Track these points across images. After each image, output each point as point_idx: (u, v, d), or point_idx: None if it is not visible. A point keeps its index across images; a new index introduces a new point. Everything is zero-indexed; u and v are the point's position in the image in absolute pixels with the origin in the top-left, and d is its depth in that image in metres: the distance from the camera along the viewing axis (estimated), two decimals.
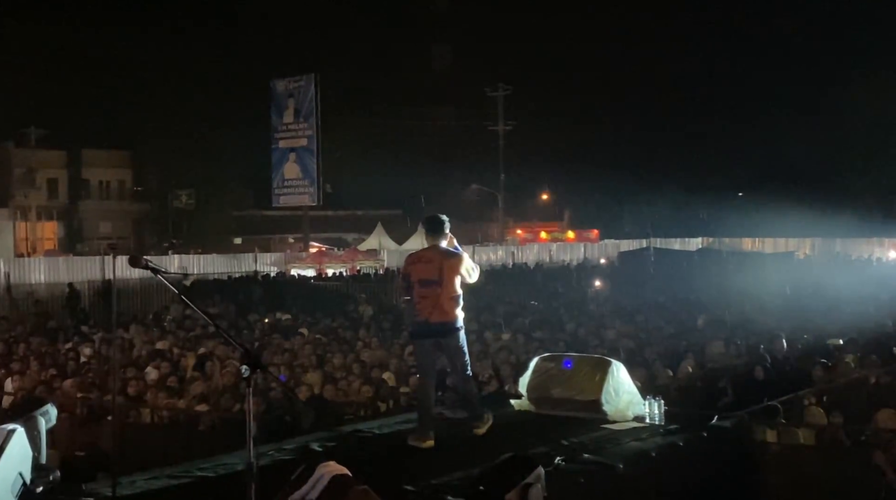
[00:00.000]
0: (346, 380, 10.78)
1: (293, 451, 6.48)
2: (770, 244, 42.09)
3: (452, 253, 6.81)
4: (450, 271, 6.68)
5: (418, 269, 6.77)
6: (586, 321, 15.76)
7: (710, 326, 15.21)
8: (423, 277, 6.71)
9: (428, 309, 6.67)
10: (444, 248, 6.84)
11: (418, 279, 6.73)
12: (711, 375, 10.48)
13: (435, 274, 6.67)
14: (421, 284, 6.70)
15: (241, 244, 43.43)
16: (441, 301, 6.65)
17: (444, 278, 6.65)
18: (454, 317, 6.72)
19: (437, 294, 6.65)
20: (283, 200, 38.19)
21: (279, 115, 36.96)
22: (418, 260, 6.85)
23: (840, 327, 14.43)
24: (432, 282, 6.66)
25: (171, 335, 14.60)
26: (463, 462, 5.80)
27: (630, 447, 6.61)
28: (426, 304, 6.68)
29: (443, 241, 6.85)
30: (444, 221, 6.87)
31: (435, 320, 6.68)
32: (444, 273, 6.66)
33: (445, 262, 6.70)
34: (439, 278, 6.66)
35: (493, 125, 45.30)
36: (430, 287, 6.66)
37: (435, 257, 6.75)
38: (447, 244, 6.87)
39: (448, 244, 6.88)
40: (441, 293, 6.65)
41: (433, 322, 6.69)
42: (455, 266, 6.71)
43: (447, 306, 6.67)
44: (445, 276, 6.66)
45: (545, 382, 7.75)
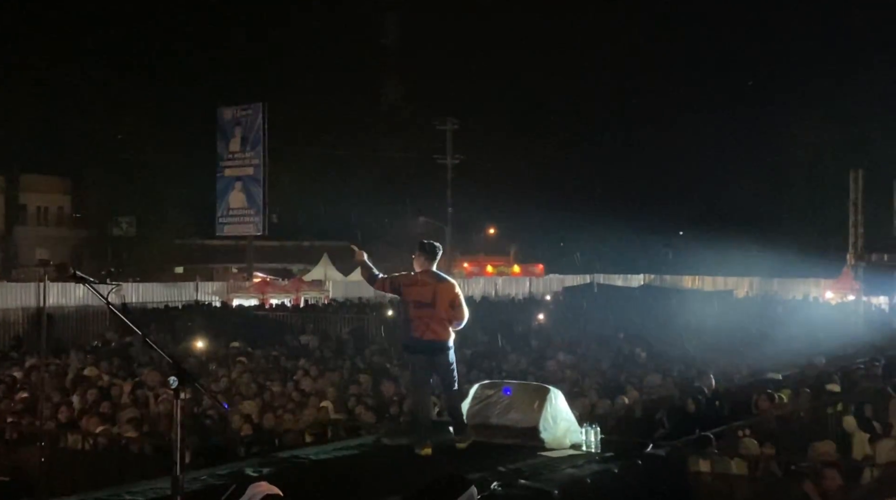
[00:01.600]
0: (285, 408, 10.65)
1: (226, 476, 6.37)
2: (710, 282, 42.84)
3: (445, 279, 7.45)
4: (442, 295, 7.26)
5: (414, 291, 7.31)
6: (529, 353, 15.83)
7: (651, 359, 15.41)
8: (417, 298, 7.27)
9: (421, 329, 7.24)
10: (437, 273, 7.45)
11: (413, 300, 7.28)
12: (649, 406, 10.59)
13: (429, 297, 7.25)
14: (416, 305, 7.27)
15: (183, 273, 42.78)
16: (433, 322, 7.23)
17: (436, 301, 7.24)
18: (445, 337, 7.29)
19: (430, 316, 7.22)
20: (227, 230, 37.79)
21: (225, 143, 36.68)
22: (414, 283, 7.37)
23: (776, 363, 14.74)
24: (426, 304, 7.24)
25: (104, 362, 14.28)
26: (397, 487, 5.76)
27: (566, 473, 6.63)
28: (419, 323, 7.24)
29: (436, 265, 7.48)
30: (437, 248, 7.54)
31: (427, 339, 7.24)
32: (437, 297, 7.25)
33: (439, 286, 7.31)
34: (432, 301, 7.24)
35: (442, 158, 45.54)
36: (423, 309, 7.24)
37: (430, 281, 7.33)
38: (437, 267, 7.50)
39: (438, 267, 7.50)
40: (434, 315, 7.22)
41: (426, 340, 7.25)
42: (447, 291, 7.30)
43: (439, 326, 7.24)
44: (438, 299, 7.24)
45: (484, 409, 7.75)
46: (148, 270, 39.52)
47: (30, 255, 44.17)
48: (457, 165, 45.77)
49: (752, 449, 8.66)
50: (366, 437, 8.61)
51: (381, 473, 6.65)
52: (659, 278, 44.16)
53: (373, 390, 12.00)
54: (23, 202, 48.56)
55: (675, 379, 12.44)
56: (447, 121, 45.18)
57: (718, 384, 12.14)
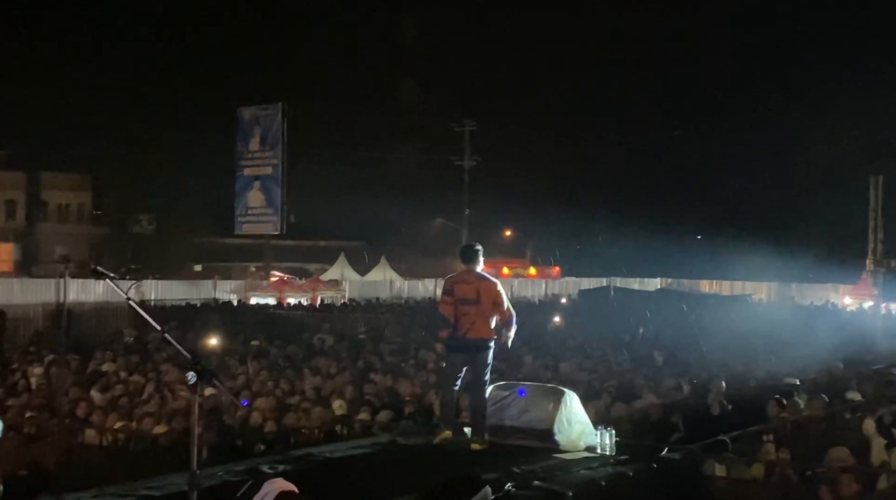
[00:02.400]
0: (300, 406, 10.70)
1: (242, 473, 6.41)
2: (727, 287, 42.64)
3: (487, 278, 7.68)
4: (486, 293, 7.48)
5: (460, 289, 7.58)
6: (544, 355, 15.81)
7: (667, 363, 15.36)
8: (462, 295, 7.53)
9: (466, 326, 7.48)
10: (481, 273, 7.69)
11: (459, 298, 7.53)
12: (665, 409, 10.56)
13: (473, 294, 7.49)
14: (462, 302, 7.51)
15: (202, 271, 43.00)
16: (479, 319, 7.46)
17: (480, 298, 7.47)
18: (488, 335, 7.53)
19: (476, 312, 7.45)
20: (246, 228, 37.95)
21: (245, 142, 36.83)
22: (460, 281, 7.67)
23: (793, 368, 14.65)
24: (471, 301, 7.48)
25: (123, 358, 14.39)
26: (413, 485, 5.78)
27: (580, 475, 6.63)
28: (465, 321, 7.49)
29: (477, 267, 7.68)
30: (477, 250, 7.74)
31: (471, 337, 7.48)
32: (480, 294, 7.48)
33: (482, 284, 7.55)
34: (476, 298, 7.48)
35: (459, 160, 45.55)
36: (469, 305, 7.48)
37: (473, 279, 7.60)
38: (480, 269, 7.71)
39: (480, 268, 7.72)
40: (479, 311, 7.45)
41: (469, 338, 7.49)
42: (490, 289, 7.52)
43: (482, 324, 7.49)
44: (482, 297, 7.47)
45: (499, 410, 7.77)
46: (167, 267, 39.73)
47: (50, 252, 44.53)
48: (474, 166, 45.77)
49: (768, 454, 8.63)
50: (380, 436, 8.64)
51: (396, 472, 6.68)
52: (676, 281, 43.98)
53: (388, 390, 12.03)
54: (44, 199, 48.97)
55: (690, 383, 12.39)
56: (464, 122, 45.20)
57: (731, 389, 12.09)
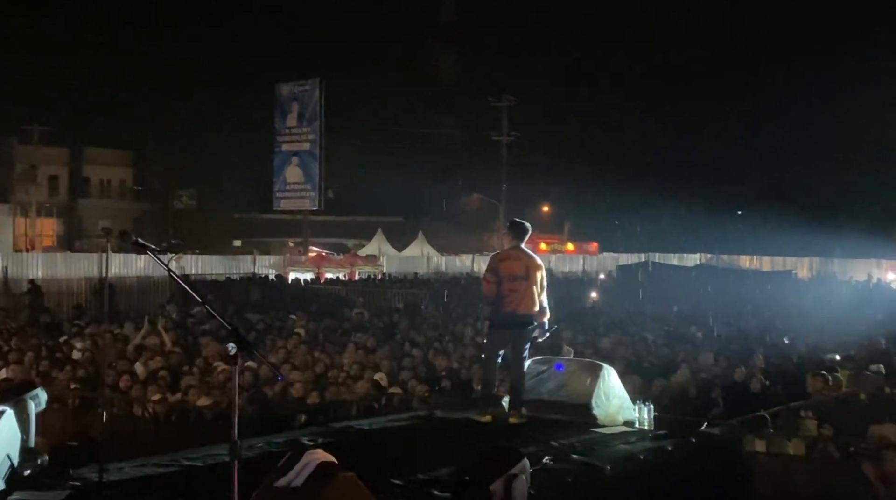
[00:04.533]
0: (339, 379, 10.78)
1: (282, 444, 6.49)
2: (767, 263, 42.11)
3: (534, 256, 7.68)
4: (534, 270, 7.49)
5: (507, 265, 7.54)
6: (583, 330, 15.75)
7: (706, 338, 15.24)
8: (512, 272, 7.48)
9: (516, 302, 7.43)
10: (528, 251, 7.68)
11: (507, 274, 7.48)
12: (704, 385, 10.49)
13: (522, 270, 7.47)
14: (510, 278, 7.46)
15: (241, 247, 43.41)
16: (527, 295, 7.44)
17: (530, 274, 7.46)
18: (534, 311, 7.49)
19: (525, 288, 7.42)
20: (284, 204, 38.21)
21: (283, 118, 37.00)
22: (507, 257, 7.65)
23: (835, 343, 14.47)
24: (520, 277, 7.46)
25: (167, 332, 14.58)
26: (451, 458, 5.80)
27: (619, 449, 6.63)
28: (514, 297, 7.44)
29: (525, 243, 7.66)
30: (528, 228, 7.71)
31: (521, 312, 7.44)
32: (530, 271, 7.48)
33: (530, 261, 7.55)
34: (526, 274, 7.46)
35: (497, 135, 45.33)
36: (517, 282, 7.45)
37: (522, 255, 7.57)
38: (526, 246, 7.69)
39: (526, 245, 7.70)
40: (528, 288, 7.43)
41: (519, 313, 7.45)
42: (536, 267, 7.54)
43: (531, 299, 7.47)
44: (531, 273, 7.47)
45: (537, 384, 7.78)
46: (207, 243, 40.18)
47: (93, 227, 45.22)
48: (512, 142, 45.55)
49: (810, 430, 8.54)
50: (418, 410, 8.69)
51: (434, 444, 6.72)
52: (716, 257, 43.52)
53: (425, 364, 12.07)
54: (86, 175, 49.64)
55: (730, 358, 12.28)
56: (502, 97, 44.92)
57: (772, 365, 11.97)
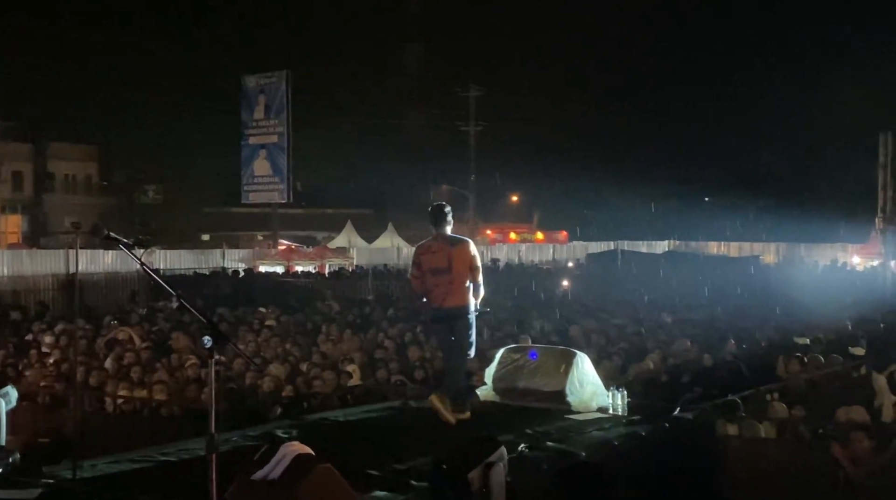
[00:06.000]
0: (311, 372, 10.75)
1: (257, 437, 6.46)
2: (735, 248, 42.54)
3: (458, 240, 7.16)
4: (458, 259, 7.02)
5: (428, 259, 7.13)
6: (554, 319, 15.83)
7: (676, 324, 15.37)
8: (433, 266, 7.08)
9: (441, 296, 7.06)
10: (450, 236, 7.16)
11: (429, 268, 7.09)
12: (675, 370, 10.59)
13: (444, 263, 7.04)
14: (432, 273, 7.07)
15: (209, 241, 43.06)
16: (452, 288, 7.01)
17: (452, 266, 7.02)
18: (466, 302, 7.05)
19: (447, 281, 7.01)
20: (252, 197, 37.93)
21: (249, 111, 36.70)
22: (427, 250, 7.20)
23: (803, 327, 14.67)
24: (442, 270, 7.03)
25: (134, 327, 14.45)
26: (427, 448, 5.81)
27: (593, 436, 6.67)
28: (439, 292, 7.06)
29: (447, 228, 7.15)
30: (444, 212, 7.15)
31: (448, 305, 7.05)
32: (452, 261, 7.02)
33: (453, 250, 7.05)
34: (448, 266, 7.02)
35: (465, 126, 45.31)
36: (440, 276, 7.04)
37: (443, 246, 7.10)
38: (448, 230, 7.16)
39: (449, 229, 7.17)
40: (452, 280, 7.01)
41: (446, 307, 7.07)
42: (461, 253, 7.04)
43: (457, 292, 7.03)
44: (455, 264, 7.02)
45: (511, 372, 7.80)
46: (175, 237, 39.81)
47: (58, 223, 44.62)
48: (480, 132, 45.55)
49: (780, 413, 8.65)
50: (393, 400, 8.68)
51: (410, 435, 6.72)
52: (684, 244, 43.90)
53: (398, 355, 12.07)
54: (51, 170, 48.95)
55: (700, 344, 12.41)
56: (470, 87, 44.89)
57: (742, 349, 12.12)
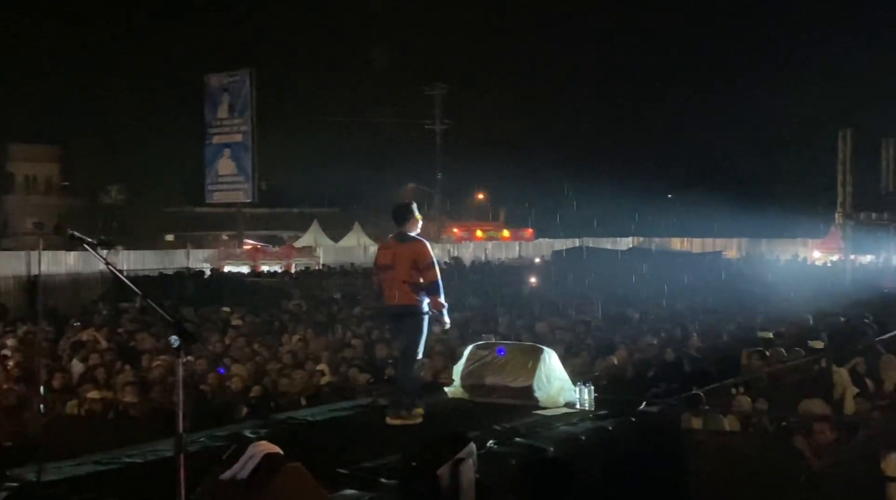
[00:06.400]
0: (278, 371, 10.71)
1: (225, 438, 6.42)
2: (698, 244, 43.04)
3: (408, 238, 7.10)
4: (401, 257, 6.99)
5: (380, 256, 7.26)
6: (520, 315, 15.91)
7: (642, 319, 15.52)
8: (381, 263, 7.16)
9: (387, 293, 7.08)
10: (404, 234, 7.12)
11: (380, 265, 7.18)
12: (641, 365, 10.69)
13: (389, 259, 7.06)
14: (381, 269, 7.14)
15: (173, 241, 42.68)
16: (394, 285, 6.99)
17: (395, 263, 7.00)
18: (410, 301, 6.97)
19: (392, 278, 7.01)
20: (216, 197, 37.68)
21: (213, 110, 36.46)
22: (381, 248, 7.39)
23: (765, 321, 14.88)
24: (387, 267, 7.06)
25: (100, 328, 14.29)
26: (396, 446, 5.82)
27: (561, 431, 6.71)
28: (384, 288, 7.10)
29: (406, 226, 7.12)
30: (403, 211, 7.15)
31: (393, 303, 7.05)
32: (396, 259, 7.00)
33: (399, 248, 7.05)
34: (392, 263, 7.02)
35: (431, 124, 45.33)
36: (386, 272, 7.07)
37: (393, 243, 7.15)
38: (410, 229, 7.13)
39: (412, 228, 7.14)
40: (394, 277, 6.99)
41: (391, 305, 7.08)
42: (408, 251, 6.99)
43: (401, 289, 6.97)
44: (397, 261, 6.99)
45: (479, 369, 7.82)
46: (138, 238, 39.40)
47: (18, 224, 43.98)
48: (446, 130, 45.61)
49: (744, 406, 8.78)
50: (361, 399, 8.67)
51: (379, 433, 6.71)
52: (648, 240, 44.32)
53: (366, 353, 12.06)
54: (11, 171, 48.23)
55: (664, 339, 12.55)
56: (435, 86, 44.93)
57: (706, 343, 12.28)
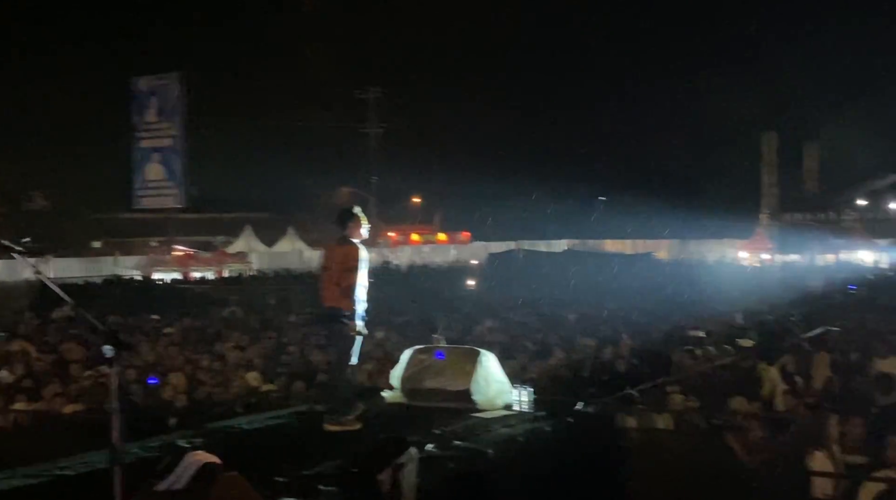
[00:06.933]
0: (212, 379, 10.55)
1: (158, 448, 6.29)
2: (630, 246, 43.77)
3: (345, 242, 7.14)
4: (336, 260, 7.06)
5: (322, 256, 7.39)
6: (458, 319, 15.96)
7: (577, 321, 15.72)
8: (323, 264, 7.26)
9: (323, 294, 7.10)
10: (343, 237, 7.16)
11: (321, 266, 7.26)
12: (577, 366, 10.82)
13: (328, 261, 7.14)
14: (322, 270, 7.22)
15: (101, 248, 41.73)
16: (329, 287, 7.02)
17: (331, 265, 7.07)
18: (342, 305, 6.97)
19: (327, 279, 7.05)
20: (145, 202, 37.03)
21: (141, 114, 35.83)
22: (323, 249, 7.49)
23: (696, 320, 15.21)
24: (325, 268, 7.14)
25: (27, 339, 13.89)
26: (334, 452, 5.78)
27: (500, 433, 6.73)
28: (320, 288, 7.14)
29: (347, 230, 7.15)
30: (343, 214, 7.22)
31: (326, 305, 7.06)
32: (331, 261, 7.09)
33: (335, 250, 7.13)
34: (326, 264, 7.13)
35: (365, 128, 45.21)
36: (322, 273, 7.17)
37: (329, 245, 7.29)
38: (352, 233, 7.14)
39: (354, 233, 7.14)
40: (329, 278, 7.03)
41: (326, 306, 7.08)
42: (340, 253, 7.07)
43: (333, 292, 7.00)
44: (333, 264, 7.06)
45: (418, 373, 7.80)
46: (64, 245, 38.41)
47: None
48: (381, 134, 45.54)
49: (677, 404, 8.95)
50: (298, 406, 8.59)
51: (317, 440, 6.65)
52: (582, 242, 44.89)
53: (302, 360, 11.96)
54: None
55: (599, 340, 12.72)
56: (369, 89, 44.83)
57: (638, 344, 12.49)
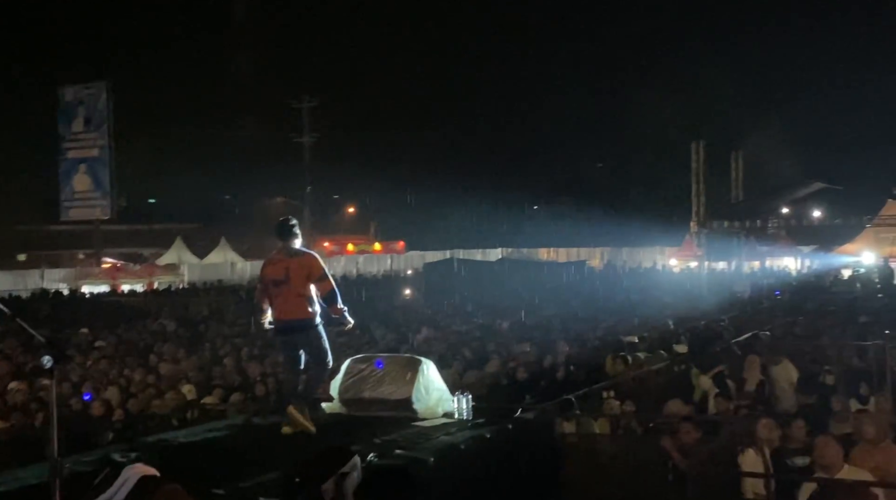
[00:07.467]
0: (146, 393, 10.37)
1: (94, 462, 6.15)
2: (563, 254, 44.30)
3: (299, 252, 7.10)
4: (294, 270, 6.97)
5: (268, 271, 7.12)
6: (395, 328, 15.95)
7: (513, 329, 15.85)
8: (273, 277, 7.05)
9: (280, 308, 7.02)
10: (293, 248, 7.11)
11: (270, 280, 7.07)
12: (515, 373, 10.91)
13: (282, 274, 7.00)
14: (273, 284, 7.05)
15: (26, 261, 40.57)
16: (290, 299, 6.95)
17: (290, 277, 6.96)
18: (306, 314, 6.98)
19: (286, 293, 6.96)
20: (72, 214, 36.19)
21: (67, 124, 35.06)
22: (269, 262, 7.19)
23: (629, 327, 15.46)
24: (281, 282, 7.00)
25: None
26: (274, 464, 5.73)
27: (440, 441, 6.74)
28: (278, 303, 7.02)
29: (293, 242, 7.10)
30: (289, 225, 7.12)
31: (287, 318, 7.01)
32: (290, 273, 6.97)
33: (291, 262, 7.02)
34: (286, 277, 6.98)
35: (299, 137, 44.87)
36: (280, 287, 7.00)
37: (282, 258, 7.08)
38: (299, 245, 7.13)
39: (298, 243, 7.12)
40: (289, 291, 6.95)
41: (286, 319, 7.02)
42: (301, 265, 6.99)
43: (296, 303, 6.96)
44: (292, 275, 6.96)
45: (357, 383, 7.77)
46: None
47: None
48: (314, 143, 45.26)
49: (613, 409, 9.09)
50: (235, 418, 8.49)
51: (255, 451, 6.58)
52: (516, 250, 45.26)
53: (237, 372, 11.82)
54: None
55: (536, 347, 12.85)
56: (303, 99, 44.54)
57: (574, 350, 12.65)
